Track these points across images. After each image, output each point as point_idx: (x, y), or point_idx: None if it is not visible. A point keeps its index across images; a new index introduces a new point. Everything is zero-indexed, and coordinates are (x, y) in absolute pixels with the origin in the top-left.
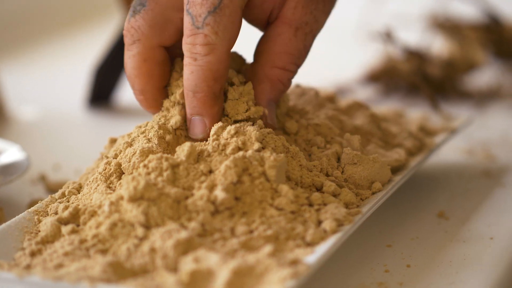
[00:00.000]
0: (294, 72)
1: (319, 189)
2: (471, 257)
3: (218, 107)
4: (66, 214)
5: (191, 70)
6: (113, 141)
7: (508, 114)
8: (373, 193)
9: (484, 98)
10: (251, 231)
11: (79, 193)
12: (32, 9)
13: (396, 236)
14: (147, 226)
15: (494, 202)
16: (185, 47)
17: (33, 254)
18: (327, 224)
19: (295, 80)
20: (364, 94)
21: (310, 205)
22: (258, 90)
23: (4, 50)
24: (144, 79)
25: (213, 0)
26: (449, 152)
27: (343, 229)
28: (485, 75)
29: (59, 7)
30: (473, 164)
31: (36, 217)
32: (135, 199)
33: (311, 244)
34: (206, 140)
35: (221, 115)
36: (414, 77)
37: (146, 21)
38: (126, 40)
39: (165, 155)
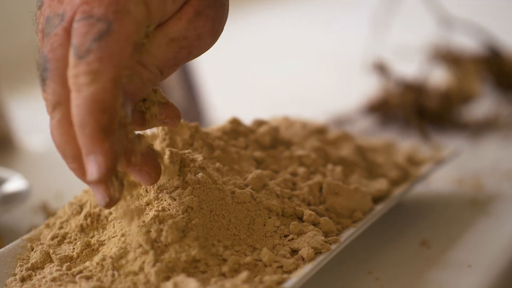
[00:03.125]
0: (155, 75)
1: (300, 218)
2: (448, 284)
3: (110, 143)
4: (54, 242)
5: (76, 104)
6: None
7: (501, 145)
8: (354, 222)
9: (480, 129)
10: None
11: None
12: None
13: (377, 263)
14: None
15: (477, 231)
16: (70, 81)
17: (23, 279)
18: (304, 252)
19: (287, 112)
20: (363, 124)
21: (289, 234)
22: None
23: (15, 81)
24: (75, 143)
25: (100, 26)
26: (440, 182)
27: (320, 257)
28: (483, 106)
29: None
30: (461, 194)
31: (29, 244)
32: None
33: (287, 271)
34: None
35: (117, 153)
36: (406, 108)
37: (57, 82)
38: (48, 110)
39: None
